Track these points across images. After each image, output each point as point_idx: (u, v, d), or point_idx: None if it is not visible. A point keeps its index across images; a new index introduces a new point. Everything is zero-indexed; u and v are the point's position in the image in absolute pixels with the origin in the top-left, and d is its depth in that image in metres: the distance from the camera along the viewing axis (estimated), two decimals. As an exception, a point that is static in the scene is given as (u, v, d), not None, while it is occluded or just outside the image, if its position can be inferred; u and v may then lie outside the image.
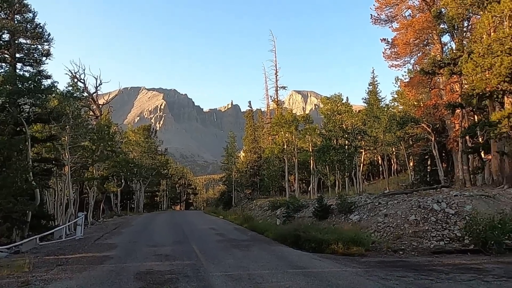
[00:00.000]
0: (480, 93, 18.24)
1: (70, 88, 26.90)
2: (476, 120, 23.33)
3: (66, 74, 37.92)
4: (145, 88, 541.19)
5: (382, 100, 48.35)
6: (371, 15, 29.82)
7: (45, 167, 23.54)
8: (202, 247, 14.33)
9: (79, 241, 17.11)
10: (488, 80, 17.38)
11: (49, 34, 22.38)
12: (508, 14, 16.82)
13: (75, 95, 24.77)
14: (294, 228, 16.30)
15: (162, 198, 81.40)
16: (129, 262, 11.35)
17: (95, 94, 41.65)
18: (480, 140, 23.10)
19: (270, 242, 16.28)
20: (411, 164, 40.74)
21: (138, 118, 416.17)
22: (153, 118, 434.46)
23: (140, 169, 51.47)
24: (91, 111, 40.20)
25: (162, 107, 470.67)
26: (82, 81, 38.72)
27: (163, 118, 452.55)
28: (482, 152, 23.30)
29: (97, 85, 40.94)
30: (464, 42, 23.47)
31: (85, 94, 38.05)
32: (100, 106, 43.29)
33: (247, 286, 7.96)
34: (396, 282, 8.29)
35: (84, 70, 60.63)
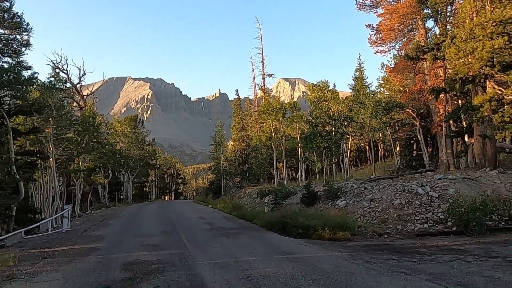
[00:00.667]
0: (463, 78, 18.43)
1: (52, 79, 26.34)
2: (459, 104, 23.64)
3: (48, 64, 37.13)
4: (131, 78, 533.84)
5: (369, 86, 48.59)
6: (356, 0, 29.72)
7: (29, 160, 23.18)
8: (190, 236, 14.38)
9: (65, 234, 16.99)
10: (471, 64, 17.55)
11: (28, 24, 21.75)
12: (489, -1, 16.97)
13: (57, 86, 24.26)
14: (282, 215, 16.45)
15: (151, 188, 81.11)
16: (116, 253, 11.32)
17: (78, 84, 40.94)
18: (464, 124, 23.47)
19: (258, 230, 16.43)
20: (397, 149, 41.26)
21: (125, 108, 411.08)
22: (140, 108, 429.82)
23: (128, 160, 51.08)
24: (75, 102, 39.52)
25: (149, 97, 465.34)
26: (65, 71, 38.01)
27: (150, 108, 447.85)
28: (466, 135, 23.68)
29: (81, 75, 40.27)
30: (447, 27, 23.63)
31: (68, 85, 37.37)
32: (85, 97, 42.59)
33: (234, 273, 8.03)
34: (380, 265, 8.46)
35: (66, 60, 59.77)
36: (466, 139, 24.10)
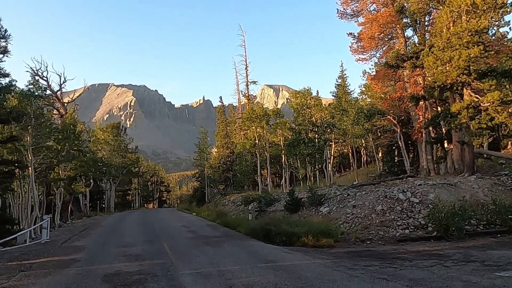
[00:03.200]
0: (441, 85, 18.89)
1: (31, 86, 25.80)
2: (438, 111, 24.19)
3: (27, 71, 36.36)
4: (114, 85, 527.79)
5: (351, 93, 49.34)
6: (338, 9, 30.22)
7: (7, 170, 22.56)
8: (173, 246, 14.21)
9: (44, 245, 16.53)
10: (448, 72, 18.02)
11: (5, 30, 21.27)
12: (465, 9, 17.48)
13: (36, 93, 23.78)
14: (265, 222, 16.44)
15: (134, 196, 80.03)
16: (97, 264, 11.09)
17: (59, 92, 40.21)
18: (443, 131, 24.01)
19: (242, 238, 16.37)
20: (380, 155, 41.86)
21: (107, 115, 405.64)
22: (123, 115, 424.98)
23: (110, 168, 50.30)
24: (55, 110, 38.78)
25: (132, 103, 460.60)
26: (45, 78, 37.30)
27: (133, 115, 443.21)
28: (445, 142, 24.23)
29: (61, 82, 39.58)
30: (426, 36, 24.24)
31: (48, 92, 36.70)
32: (65, 104, 41.83)
33: (216, 283, 7.96)
34: (362, 271, 8.53)
35: (46, 67, 58.25)
36: (445, 145, 24.67)
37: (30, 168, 22.77)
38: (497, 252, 10.18)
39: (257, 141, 40.98)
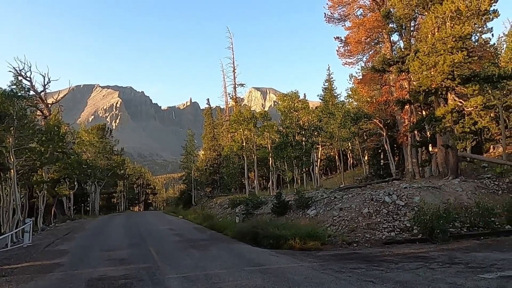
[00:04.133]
0: (426, 90, 19.19)
1: (14, 87, 25.23)
2: (423, 115, 24.57)
3: (9, 71, 35.54)
4: (99, 86, 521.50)
5: (338, 96, 49.75)
6: (325, 13, 30.50)
7: (-12, 172, 21.99)
8: (159, 249, 14.05)
9: (26, 249, 16.13)
10: (433, 77, 18.31)
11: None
12: (449, 15, 17.82)
13: (19, 94, 23.27)
14: (253, 225, 16.39)
15: (120, 199, 79.03)
16: (81, 268, 10.88)
17: (43, 92, 39.32)
18: (428, 134, 24.39)
19: (229, 241, 16.29)
20: (366, 158, 42.25)
21: (93, 117, 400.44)
22: (109, 117, 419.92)
23: (95, 170, 49.52)
24: (38, 111, 37.99)
25: (118, 105, 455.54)
26: (28, 79, 36.39)
27: (119, 117, 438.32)
28: (430, 145, 24.60)
29: (45, 83, 38.67)
30: (411, 41, 24.61)
31: (32, 92, 35.91)
32: (49, 105, 41.00)
33: (203, 287, 7.89)
34: (349, 274, 8.56)
35: (30, 67, 56.87)
36: (430, 148, 25.05)
37: (12, 170, 22.25)
38: (481, 254, 10.35)
39: (244, 144, 40.93)
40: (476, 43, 22.77)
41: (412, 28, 25.80)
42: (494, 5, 17.71)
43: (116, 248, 15.09)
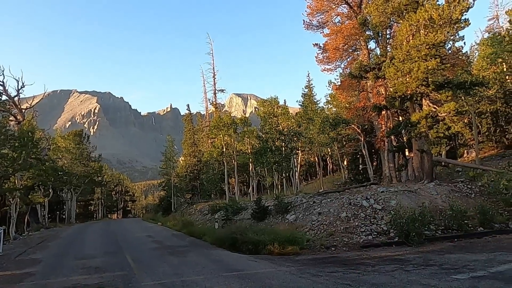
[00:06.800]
0: (402, 96, 19.60)
1: (-15, 91, 24.42)
2: (400, 120, 25.09)
3: (-19, 75, 34.40)
4: (77, 91, 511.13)
5: (318, 102, 50.29)
6: (304, 20, 30.83)
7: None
8: (136, 257, 13.77)
9: (-3, 259, 15.57)
10: (408, 83, 18.73)
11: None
12: (423, 23, 18.31)
13: (-9, 99, 22.53)
14: (232, 231, 16.28)
15: (97, 207, 77.43)
16: (54, 277, 10.55)
17: (16, 97, 38.25)
18: (404, 139, 24.89)
19: (208, 247, 16.14)
20: (345, 163, 42.78)
21: (70, 123, 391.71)
22: (86, 123, 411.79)
23: (71, 177, 48.33)
24: (11, 116, 36.89)
25: (96, 111, 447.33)
26: (1, 83, 35.43)
27: (97, 123, 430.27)
28: (406, 150, 25.11)
29: (19, 87, 37.65)
30: (387, 48, 25.15)
31: (4, 97, 34.90)
32: (23, 110, 39.88)
33: (179, 294, 7.78)
34: (326, 278, 8.60)
35: (3, 71, 55.37)
36: (406, 153, 25.56)
37: (-18, 178, 21.48)
38: (454, 255, 10.58)
39: (224, 150, 40.77)
40: (449, 51, 23.45)
41: (388, 36, 26.39)
42: (465, 14, 18.26)
43: (92, 256, 14.71)
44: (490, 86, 25.17)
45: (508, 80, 30.09)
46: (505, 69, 29.79)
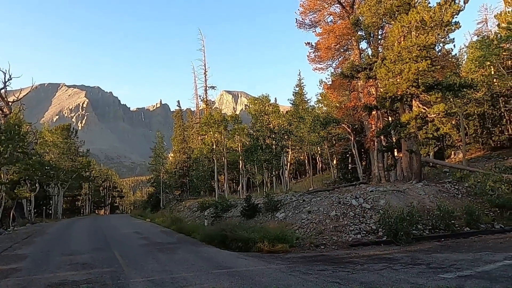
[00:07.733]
0: (392, 96, 19.77)
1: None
2: (389, 121, 25.31)
3: (-33, 67, 33.69)
4: (65, 85, 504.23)
5: (308, 101, 50.47)
6: (296, 19, 30.84)
7: None
8: (124, 253, 13.66)
9: (-19, 254, 15.29)
10: (399, 84, 18.90)
11: None
12: (414, 25, 18.48)
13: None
14: (221, 228, 16.25)
15: (84, 202, 76.63)
16: (40, 273, 10.39)
17: (3, 90, 37.61)
18: (394, 140, 25.12)
19: (197, 244, 16.09)
20: (334, 162, 43.04)
21: (57, 117, 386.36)
22: (74, 117, 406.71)
23: (58, 172, 47.70)
24: (-2, 109, 36.23)
25: (84, 105, 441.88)
26: (-13, 75, 34.76)
27: (85, 117, 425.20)
28: (395, 150, 25.36)
29: (6, 80, 37.03)
30: (379, 48, 25.33)
31: (-9, 90, 34.24)
32: (10, 103, 39.21)
33: (169, 291, 7.73)
34: (316, 276, 8.64)
35: (-10, 63, 54.59)
36: (395, 153, 25.82)
37: (-33, 171, 21.07)
38: (441, 255, 10.73)
39: (214, 147, 40.68)
40: (439, 53, 23.70)
41: (380, 36, 26.56)
42: (456, 17, 18.46)
43: (79, 252, 14.54)
44: (478, 88, 25.57)
45: (496, 83, 30.60)
46: (492, 72, 30.29)
